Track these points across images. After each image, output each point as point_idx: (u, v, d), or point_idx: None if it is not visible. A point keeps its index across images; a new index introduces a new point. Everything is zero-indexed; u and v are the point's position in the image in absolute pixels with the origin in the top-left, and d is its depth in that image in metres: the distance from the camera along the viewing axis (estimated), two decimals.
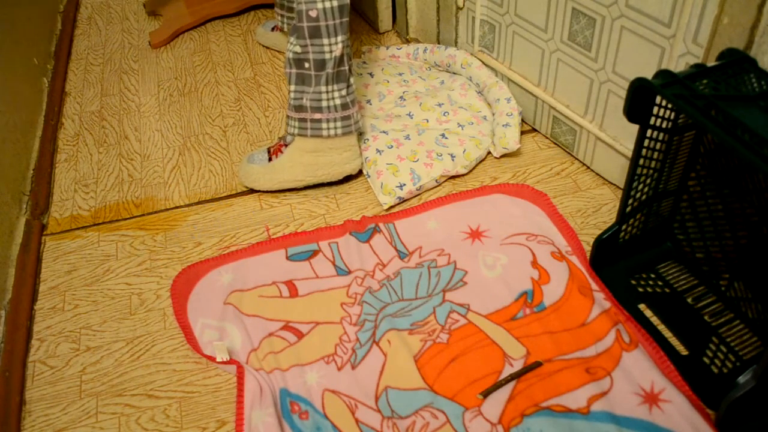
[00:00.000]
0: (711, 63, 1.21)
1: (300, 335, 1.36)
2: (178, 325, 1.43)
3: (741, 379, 1.09)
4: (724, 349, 1.27)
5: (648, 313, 1.35)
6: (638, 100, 1.20)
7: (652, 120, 1.23)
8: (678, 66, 1.36)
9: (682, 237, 1.43)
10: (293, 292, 1.45)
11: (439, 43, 2.11)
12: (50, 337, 1.44)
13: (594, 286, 1.40)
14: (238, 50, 2.34)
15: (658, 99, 1.20)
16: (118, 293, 1.52)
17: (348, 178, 1.74)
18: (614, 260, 1.45)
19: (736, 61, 1.18)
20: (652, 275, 1.42)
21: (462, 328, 1.34)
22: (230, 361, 1.31)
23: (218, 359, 1.31)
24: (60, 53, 2.36)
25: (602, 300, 1.37)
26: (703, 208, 1.36)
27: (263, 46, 2.33)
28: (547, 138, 1.83)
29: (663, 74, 1.16)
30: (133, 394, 1.32)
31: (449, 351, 1.30)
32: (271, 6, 2.56)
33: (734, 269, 1.32)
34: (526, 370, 1.26)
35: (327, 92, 1.55)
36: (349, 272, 1.48)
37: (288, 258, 1.53)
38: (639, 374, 1.23)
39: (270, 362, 1.31)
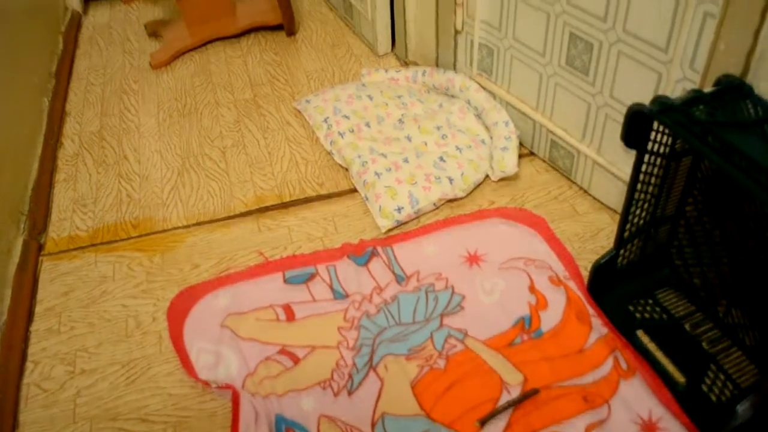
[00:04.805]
0: (708, 89, 1.21)
1: (296, 360, 1.35)
2: (173, 348, 1.42)
3: (739, 407, 1.08)
4: (722, 377, 1.26)
5: (646, 339, 1.35)
6: (635, 126, 1.20)
7: (650, 145, 1.23)
8: (675, 91, 1.36)
9: (679, 263, 1.43)
10: (290, 316, 1.44)
11: (437, 66, 2.12)
12: (45, 360, 1.43)
13: (591, 312, 1.40)
14: (238, 72, 2.35)
15: (655, 125, 1.21)
16: (114, 315, 1.51)
17: (346, 201, 1.74)
18: (612, 286, 1.44)
19: (732, 88, 1.18)
20: (650, 301, 1.41)
21: (459, 354, 1.34)
22: (225, 386, 1.30)
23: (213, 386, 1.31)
24: (61, 73, 2.37)
25: (600, 326, 1.36)
26: (700, 234, 1.35)
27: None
28: (545, 162, 1.83)
29: (660, 100, 1.17)
30: (127, 418, 1.31)
31: (447, 377, 1.30)
32: (271, 29, 2.57)
33: (731, 296, 1.32)
34: (524, 397, 1.25)
35: None
36: (347, 296, 1.47)
37: (285, 281, 1.52)
38: (637, 402, 1.23)
39: (266, 387, 1.30)
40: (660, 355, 1.32)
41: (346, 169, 1.84)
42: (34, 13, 2.35)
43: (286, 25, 2.51)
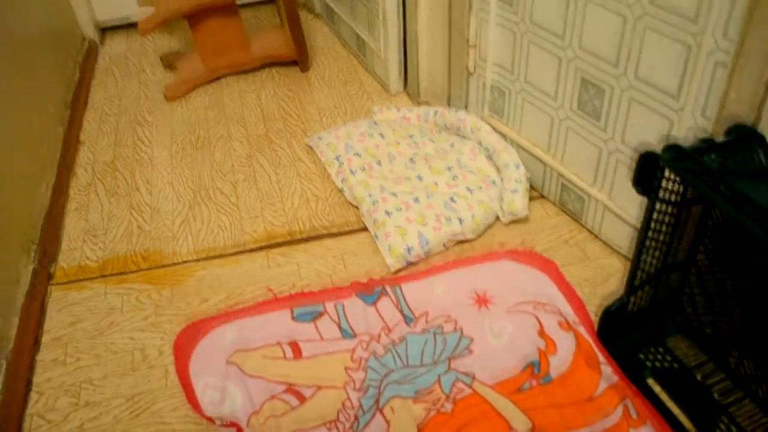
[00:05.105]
0: (719, 137, 1.22)
1: (302, 399, 1.34)
2: (179, 383, 1.41)
3: None
4: (734, 429, 1.24)
5: (656, 388, 1.33)
6: (647, 173, 1.21)
7: (661, 193, 1.23)
8: (686, 138, 1.37)
9: (690, 311, 1.42)
10: (297, 354, 1.44)
11: (449, 106, 2.14)
12: (50, 390, 1.42)
13: (601, 358, 1.39)
14: (251, 106, 2.38)
15: (666, 172, 1.21)
16: (121, 347, 1.51)
17: (356, 239, 1.75)
18: (622, 332, 1.43)
19: (744, 137, 1.18)
20: (661, 349, 1.40)
21: (467, 398, 1.32)
22: (230, 424, 1.29)
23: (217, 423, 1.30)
24: (76, 102, 2.40)
25: (610, 373, 1.35)
26: (711, 283, 1.35)
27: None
28: (555, 205, 1.83)
29: (671, 148, 1.17)
30: None
31: (454, 421, 1.28)
32: (285, 64, 2.60)
33: (743, 346, 1.31)
34: None
35: None
36: (355, 335, 1.47)
37: (293, 318, 1.52)
38: None
39: (271, 426, 1.29)
40: (671, 405, 1.30)
41: (357, 207, 1.84)
42: (51, 42, 2.39)
43: (300, 61, 2.54)
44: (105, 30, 3.01)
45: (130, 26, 3.01)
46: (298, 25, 2.44)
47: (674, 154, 1.16)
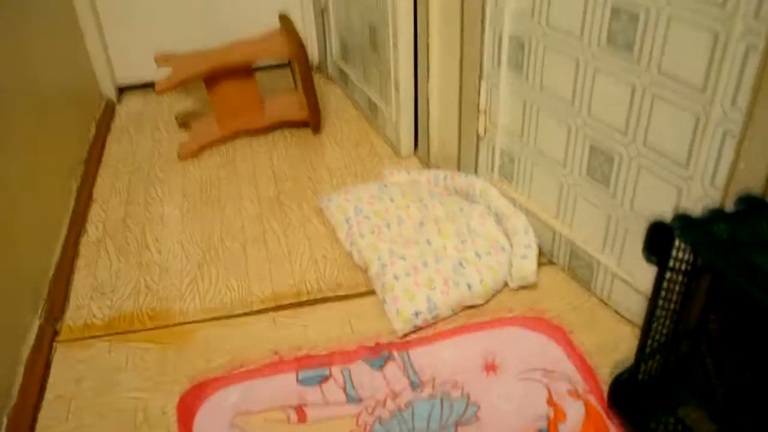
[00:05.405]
0: (728, 206, 1.22)
1: None
2: None
3: None
4: None
5: None
6: (656, 242, 1.20)
7: (671, 262, 1.23)
8: (696, 206, 1.37)
9: (702, 379, 1.40)
10: (301, 418, 1.42)
11: (459, 169, 2.16)
12: None
13: (611, 428, 1.36)
14: (263, 166, 2.40)
15: (676, 242, 1.21)
16: (124, 406, 1.49)
17: (364, 302, 1.74)
18: (633, 401, 1.41)
19: (754, 207, 1.18)
20: (672, 419, 1.37)
21: None
22: None
23: None
24: (91, 159, 2.44)
25: None
26: (722, 351, 1.33)
27: None
28: (564, 271, 1.82)
29: (681, 218, 1.17)
30: None
31: None
32: (298, 125, 2.65)
33: (756, 416, 1.28)
34: None
35: None
36: (360, 400, 1.45)
37: (298, 381, 1.50)
38: None
39: None
40: None
41: (365, 270, 1.84)
42: (70, 99, 2.45)
43: (312, 123, 2.58)
44: (123, 89, 3.08)
45: (148, 86, 3.08)
46: (312, 88, 2.49)
47: (684, 223, 1.16)
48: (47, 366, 1.60)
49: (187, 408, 1.46)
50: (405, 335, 1.64)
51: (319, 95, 2.86)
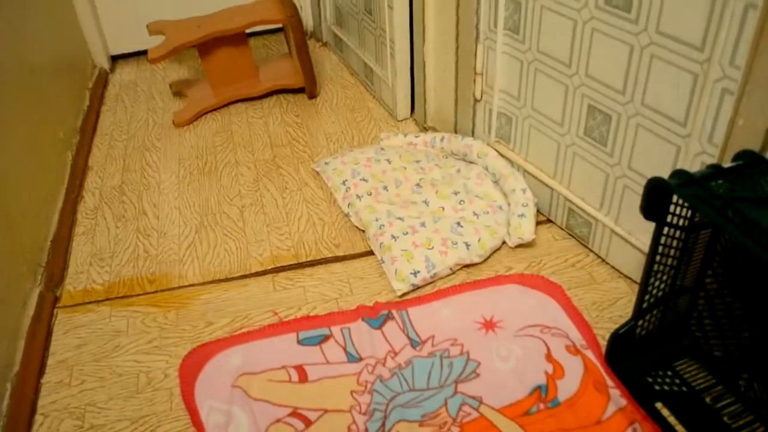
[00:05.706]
0: (726, 163, 1.22)
1: (308, 423, 1.33)
2: (184, 406, 1.40)
3: None
4: None
5: (665, 412, 1.32)
6: (654, 199, 1.21)
7: (669, 218, 1.23)
8: (693, 164, 1.37)
9: (699, 334, 1.41)
10: (303, 378, 1.43)
11: (456, 132, 2.15)
12: (54, 413, 1.41)
13: (609, 382, 1.38)
14: (258, 132, 2.39)
15: (674, 198, 1.21)
16: (126, 370, 1.50)
17: (362, 263, 1.75)
18: (630, 356, 1.42)
19: (751, 163, 1.19)
20: (669, 373, 1.39)
21: (474, 422, 1.31)
22: None
23: None
24: (86, 128, 2.42)
25: (618, 397, 1.34)
26: (720, 306, 1.34)
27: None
28: (562, 229, 1.83)
29: (679, 174, 1.17)
30: None
31: None
32: (293, 91, 2.63)
33: (753, 369, 1.30)
34: None
35: None
36: (360, 359, 1.46)
37: (299, 342, 1.51)
38: None
39: None
40: (680, 429, 1.29)
41: (363, 231, 1.85)
42: (63, 69, 2.42)
43: (307, 88, 2.57)
44: (116, 58, 3.05)
45: (141, 54, 3.05)
46: (307, 54, 2.47)
47: (682, 180, 1.16)
48: (49, 332, 1.61)
49: (190, 370, 1.47)
50: (404, 295, 1.65)
51: (314, 61, 2.85)
